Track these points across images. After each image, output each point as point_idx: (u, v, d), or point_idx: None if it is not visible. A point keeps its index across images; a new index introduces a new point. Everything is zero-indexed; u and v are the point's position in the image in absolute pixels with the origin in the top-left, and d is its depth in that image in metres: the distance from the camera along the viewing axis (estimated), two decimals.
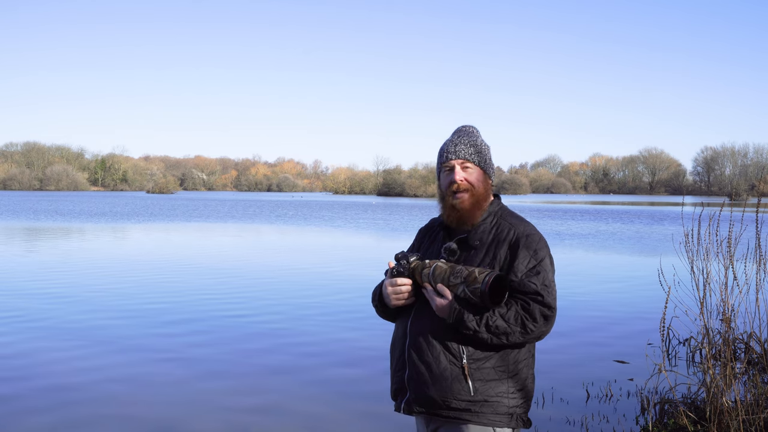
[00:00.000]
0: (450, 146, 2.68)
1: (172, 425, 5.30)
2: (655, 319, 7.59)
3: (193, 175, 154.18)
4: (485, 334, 2.44)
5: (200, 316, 9.51)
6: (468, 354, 2.50)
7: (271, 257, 18.30)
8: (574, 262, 17.39)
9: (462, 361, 2.50)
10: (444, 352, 2.51)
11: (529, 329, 2.45)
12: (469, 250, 2.60)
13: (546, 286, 2.50)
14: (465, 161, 2.65)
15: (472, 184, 2.64)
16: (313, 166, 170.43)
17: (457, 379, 2.50)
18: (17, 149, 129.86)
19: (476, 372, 2.50)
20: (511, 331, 2.44)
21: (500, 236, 2.58)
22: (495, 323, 2.44)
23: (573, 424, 5.38)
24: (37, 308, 9.94)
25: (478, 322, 2.44)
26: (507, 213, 2.68)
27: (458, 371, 2.50)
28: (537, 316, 2.46)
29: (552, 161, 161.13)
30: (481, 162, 2.68)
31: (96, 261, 16.49)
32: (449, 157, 2.66)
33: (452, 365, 2.50)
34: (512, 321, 2.44)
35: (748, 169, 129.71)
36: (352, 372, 6.85)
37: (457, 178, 2.63)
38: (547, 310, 2.47)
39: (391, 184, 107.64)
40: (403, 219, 38.57)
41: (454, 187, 2.63)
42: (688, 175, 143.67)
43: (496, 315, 2.44)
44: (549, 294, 2.49)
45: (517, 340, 2.47)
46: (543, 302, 2.47)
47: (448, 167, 2.67)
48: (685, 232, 5.85)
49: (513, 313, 2.45)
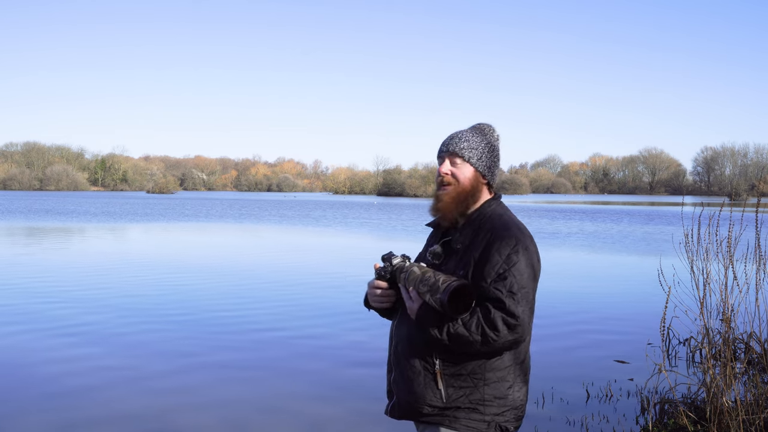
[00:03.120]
0: (447, 139, 2.64)
1: (172, 425, 5.30)
2: (655, 319, 7.59)
3: (193, 175, 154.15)
4: (447, 342, 2.36)
5: (200, 316, 9.50)
6: (441, 359, 2.43)
7: (271, 257, 18.30)
8: (574, 262, 17.39)
9: (435, 367, 2.44)
10: (419, 358, 2.46)
11: (491, 338, 2.31)
12: (451, 254, 2.53)
13: (512, 292, 2.33)
14: (455, 156, 2.58)
15: (458, 179, 2.56)
16: (313, 166, 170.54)
17: (430, 386, 2.44)
18: (17, 149, 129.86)
19: (449, 378, 2.43)
20: (473, 340, 2.32)
21: (477, 238, 2.48)
22: (456, 331, 2.33)
23: (573, 424, 5.38)
24: (36, 307, 9.95)
25: (440, 330, 2.35)
26: (496, 214, 2.54)
27: (431, 377, 2.44)
28: (499, 325, 2.30)
29: (552, 161, 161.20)
30: (472, 158, 2.57)
31: (94, 260, 16.48)
32: (442, 150, 2.64)
33: (426, 371, 2.45)
34: (473, 329, 2.32)
35: (748, 169, 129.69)
36: (353, 372, 6.85)
37: (442, 170, 2.59)
38: (511, 318, 2.31)
39: (391, 184, 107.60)
40: (409, 218, 38.56)
41: (439, 180, 2.61)
42: (688, 175, 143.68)
43: (458, 323, 2.33)
44: (514, 301, 2.32)
45: (480, 350, 2.34)
46: (505, 309, 2.31)
47: (440, 160, 2.65)
48: (685, 232, 5.85)
49: (475, 321, 2.32)
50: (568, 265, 16.14)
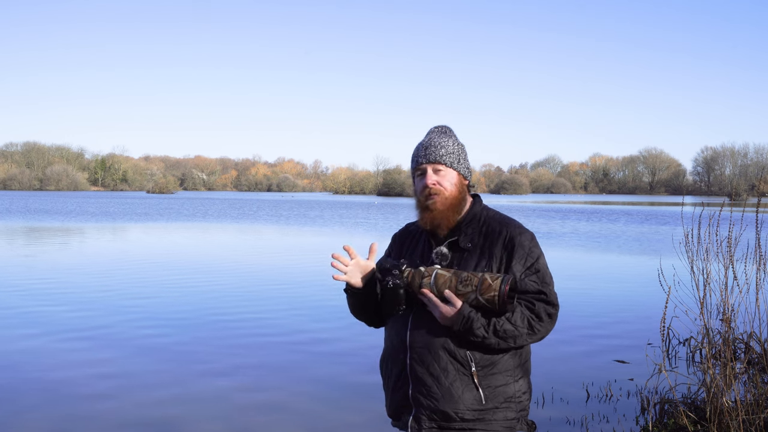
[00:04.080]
0: (421, 150, 2.61)
1: (173, 424, 5.30)
2: (655, 319, 7.59)
3: (193, 175, 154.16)
4: (493, 339, 2.40)
5: (200, 315, 9.50)
6: (476, 361, 2.45)
7: (271, 257, 18.30)
8: (574, 262, 17.39)
9: (471, 369, 2.44)
10: (451, 362, 2.45)
11: (536, 329, 2.43)
12: (462, 253, 2.54)
13: (547, 283, 2.48)
14: (436, 164, 2.57)
15: (445, 187, 2.56)
16: (313, 166, 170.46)
17: (468, 389, 2.44)
18: (17, 149, 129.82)
19: (485, 379, 2.45)
20: (519, 334, 2.41)
21: (492, 237, 2.53)
22: (503, 327, 2.39)
23: (573, 424, 5.38)
24: (34, 307, 9.94)
25: (486, 328, 2.39)
26: (493, 213, 2.63)
27: (468, 380, 2.44)
28: (543, 316, 2.43)
29: (552, 161, 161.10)
30: (453, 163, 2.59)
31: (93, 260, 16.48)
32: (420, 161, 2.60)
33: (461, 375, 2.44)
34: (519, 323, 2.40)
35: (748, 169, 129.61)
36: (354, 372, 6.85)
37: (429, 182, 2.56)
38: (551, 308, 2.45)
39: (391, 184, 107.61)
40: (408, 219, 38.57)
41: (426, 192, 2.56)
42: (688, 175, 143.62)
43: (503, 319, 2.39)
44: (551, 292, 2.47)
45: (525, 342, 2.44)
46: (547, 300, 2.45)
47: (419, 171, 2.61)
48: (685, 232, 5.85)
49: (519, 315, 2.41)
50: (567, 265, 16.14)
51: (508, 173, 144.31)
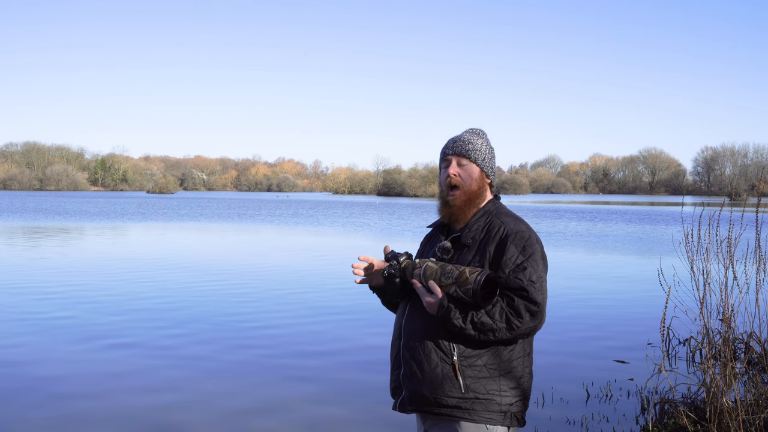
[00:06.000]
0: (450, 142, 2.76)
1: (173, 425, 5.31)
2: (655, 319, 7.59)
3: (193, 175, 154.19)
4: (471, 331, 2.47)
5: (200, 315, 9.51)
6: (459, 351, 2.52)
7: (271, 257, 18.31)
8: (574, 261, 17.40)
9: (452, 358, 2.52)
10: (435, 350, 2.54)
11: (515, 325, 2.46)
12: (462, 248, 2.64)
13: (532, 281, 2.49)
14: (462, 157, 2.71)
15: (465, 180, 2.68)
16: (313, 166, 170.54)
17: (448, 377, 2.52)
18: (17, 149, 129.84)
19: (467, 369, 2.52)
20: (497, 327, 2.45)
21: (491, 233, 2.61)
22: (480, 320, 2.45)
23: (573, 424, 5.38)
24: (34, 307, 9.95)
25: (464, 319, 2.46)
26: (501, 211, 2.69)
27: (449, 369, 2.52)
28: (522, 312, 2.46)
29: (552, 161, 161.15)
30: (478, 159, 2.71)
31: (92, 260, 16.49)
32: (447, 152, 2.75)
33: (443, 363, 2.53)
34: (497, 317, 2.45)
35: (748, 169, 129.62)
36: (354, 371, 6.85)
37: (451, 172, 2.70)
38: (533, 305, 2.47)
39: (391, 184, 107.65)
40: (412, 219, 38.56)
41: (448, 181, 2.70)
42: (688, 175, 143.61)
43: (481, 312, 2.46)
44: (535, 290, 2.48)
45: (504, 337, 2.48)
46: (528, 298, 2.47)
47: (445, 162, 2.75)
48: (685, 232, 5.86)
49: (498, 310, 2.46)
50: (567, 265, 16.15)
51: (508, 173, 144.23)
